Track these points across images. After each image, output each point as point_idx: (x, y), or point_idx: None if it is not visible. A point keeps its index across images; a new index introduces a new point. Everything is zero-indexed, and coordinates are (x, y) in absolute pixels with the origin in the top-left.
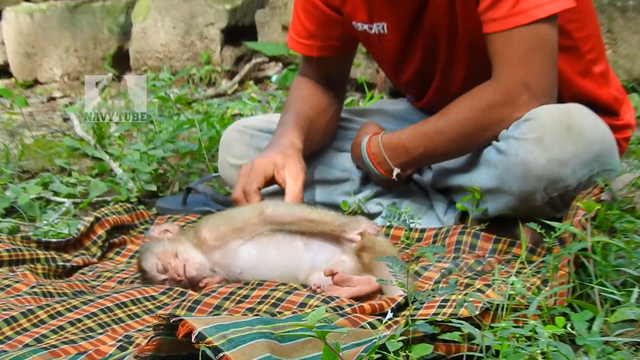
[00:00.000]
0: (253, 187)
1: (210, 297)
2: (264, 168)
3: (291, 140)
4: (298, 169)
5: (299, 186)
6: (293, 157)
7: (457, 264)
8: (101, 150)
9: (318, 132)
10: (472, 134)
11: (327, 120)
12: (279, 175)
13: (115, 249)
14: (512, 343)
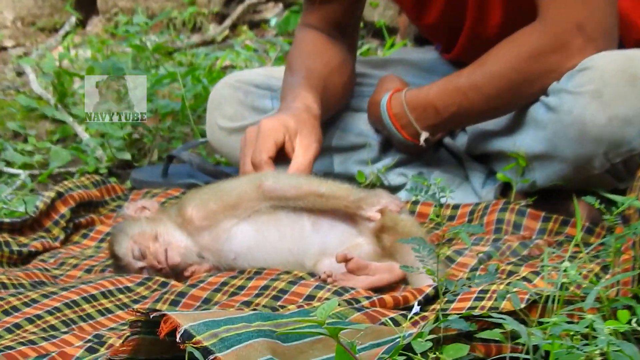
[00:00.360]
0: (263, 157)
1: (197, 289)
2: (273, 132)
3: (306, 104)
4: (311, 139)
5: (308, 159)
6: (308, 124)
7: (497, 247)
8: (63, 110)
9: (334, 94)
10: (516, 88)
11: (343, 79)
12: (289, 142)
13: (81, 231)
14: (565, 342)
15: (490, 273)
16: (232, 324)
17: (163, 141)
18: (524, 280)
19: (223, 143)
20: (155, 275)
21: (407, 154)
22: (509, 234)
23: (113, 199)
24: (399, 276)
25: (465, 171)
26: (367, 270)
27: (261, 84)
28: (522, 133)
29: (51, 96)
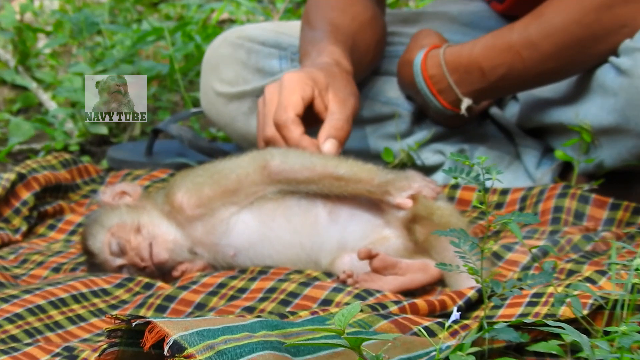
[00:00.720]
0: (289, 115)
1: (189, 292)
2: (300, 85)
3: (335, 58)
4: (347, 92)
5: (346, 114)
6: (340, 77)
7: (555, 241)
8: (25, 74)
9: (364, 54)
10: (579, 46)
11: (375, 37)
12: (319, 99)
13: (48, 221)
14: (636, 356)
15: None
16: (231, 334)
17: (147, 112)
18: (587, 281)
19: (221, 112)
20: (138, 275)
21: (445, 126)
22: (569, 224)
23: (86, 182)
24: (435, 276)
25: (516, 148)
26: (395, 269)
27: (268, 41)
28: (586, 102)
29: (10, 57)
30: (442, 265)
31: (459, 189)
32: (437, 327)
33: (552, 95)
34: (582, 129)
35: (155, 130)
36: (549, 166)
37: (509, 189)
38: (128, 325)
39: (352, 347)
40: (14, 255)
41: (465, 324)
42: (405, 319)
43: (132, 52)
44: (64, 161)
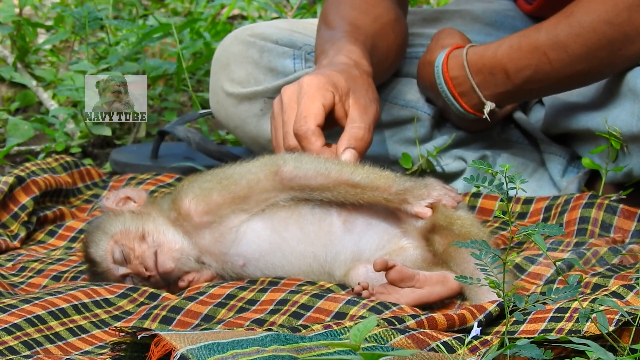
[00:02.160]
0: (310, 125)
1: (196, 303)
2: (320, 92)
3: (354, 59)
4: (368, 98)
5: (368, 123)
6: (361, 81)
7: (581, 253)
8: (24, 71)
9: (385, 57)
10: (611, 47)
11: (397, 40)
12: (340, 105)
13: (47, 227)
14: None
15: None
16: (241, 348)
17: (153, 112)
18: (613, 296)
19: (230, 114)
20: (142, 284)
21: (467, 131)
22: (596, 236)
23: (88, 186)
24: (454, 289)
25: (540, 155)
26: (413, 281)
27: (281, 40)
28: (616, 107)
29: (8, 53)
30: (462, 278)
31: (480, 198)
32: (457, 343)
33: (579, 100)
34: (610, 135)
35: (162, 132)
36: (575, 174)
37: (533, 198)
38: (133, 338)
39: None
40: (11, 262)
41: (486, 340)
42: (423, 333)
43: (137, 50)
44: (65, 164)
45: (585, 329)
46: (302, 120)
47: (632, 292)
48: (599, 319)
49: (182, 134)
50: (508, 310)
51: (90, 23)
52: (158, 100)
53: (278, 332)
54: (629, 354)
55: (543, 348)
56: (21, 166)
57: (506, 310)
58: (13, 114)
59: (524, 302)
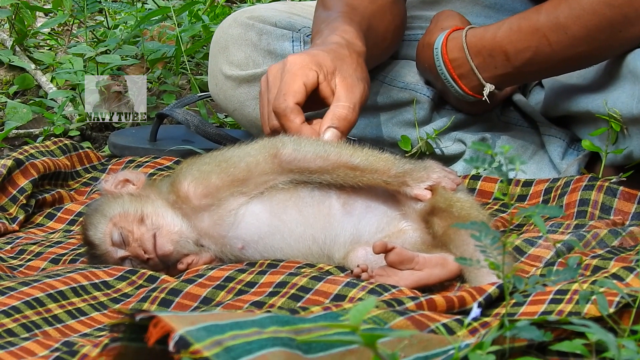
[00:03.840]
0: (288, 103)
1: (195, 285)
2: (303, 70)
3: (347, 39)
4: (356, 77)
5: (353, 101)
6: (349, 60)
7: (581, 235)
8: (23, 55)
9: (382, 38)
10: (610, 29)
11: (395, 22)
12: (325, 83)
13: (46, 210)
14: None
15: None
16: (240, 329)
17: (151, 95)
18: (613, 278)
19: (229, 97)
20: (141, 267)
21: (466, 113)
22: (596, 218)
23: (87, 169)
24: (453, 272)
25: (540, 137)
26: (412, 263)
27: (280, 22)
28: (616, 89)
29: (7, 36)
30: (462, 259)
31: (479, 180)
32: (456, 325)
33: (579, 82)
34: (610, 117)
35: (160, 115)
36: (575, 157)
37: (532, 181)
38: (131, 320)
39: (367, 344)
40: (10, 245)
41: (485, 322)
42: (423, 315)
43: (136, 33)
44: (63, 147)
45: (586, 310)
46: (281, 98)
47: (632, 274)
48: (599, 301)
49: (180, 117)
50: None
51: (88, 6)
52: (157, 83)
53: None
54: (629, 336)
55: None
56: (20, 149)
57: (506, 291)
58: (12, 97)
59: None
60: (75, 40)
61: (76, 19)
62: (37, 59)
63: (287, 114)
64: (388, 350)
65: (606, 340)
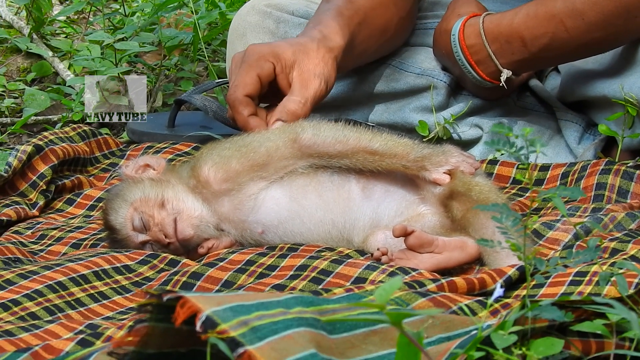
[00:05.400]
0: (238, 95)
1: (216, 269)
2: (258, 62)
3: (324, 33)
4: (312, 73)
5: (305, 97)
6: (312, 55)
7: (598, 218)
8: (40, 42)
9: (380, 31)
10: (627, 14)
11: (399, 14)
12: (283, 75)
13: (66, 196)
14: None
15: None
16: (266, 310)
17: (169, 82)
18: (632, 260)
19: None
20: (162, 251)
21: (483, 98)
22: (613, 202)
23: (105, 155)
24: (472, 255)
25: (557, 122)
26: (432, 246)
27: (297, 11)
28: (632, 74)
29: (24, 24)
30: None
31: (497, 165)
32: (477, 306)
33: (595, 67)
34: (627, 102)
35: (178, 101)
36: (591, 141)
37: (549, 165)
38: (159, 300)
39: (394, 322)
40: (31, 230)
41: (506, 303)
42: (444, 297)
43: (153, 20)
44: (82, 133)
45: (605, 292)
46: (232, 88)
47: None
48: (619, 282)
49: (198, 103)
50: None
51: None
52: (174, 70)
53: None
54: None
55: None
56: (39, 135)
57: (527, 272)
58: (29, 84)
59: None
60: (92, 28)
61: (93, 7)
62: (54, 46)
63: (236, 106)
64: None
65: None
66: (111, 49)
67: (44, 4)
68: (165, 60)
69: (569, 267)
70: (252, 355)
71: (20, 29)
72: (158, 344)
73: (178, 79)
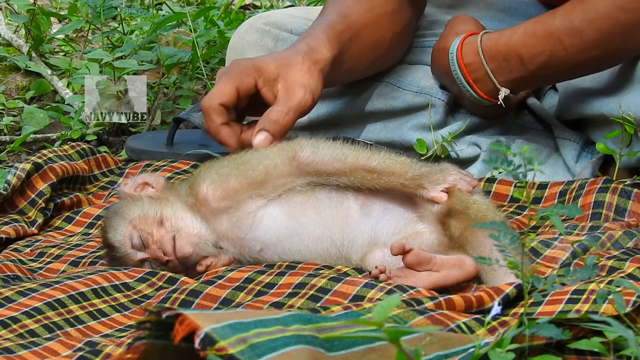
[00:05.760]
0: (212, 103)
1: (214, 287)
2: (238, 75)
3: (311, 45)
4: (297, 82)
5: (288, 107)
6: (297, 68)
7: (596, 237)
8: (39, 60)
9: (372, 46)
10: (624, 33)
11: (393, 30)
12: (267, 88)
13: (64, 214)
14: None
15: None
16: (264, 327)
17: (168, 100)
18: (629, 278)
19: None
20: (161, 269)
21: (481, 117)
22: (610, 220)
23: (104, 173)
24: (470, 273)
25: (554, 141)
26: (430, 264)
27: (296, 29)
28: (630, 92)
29: (23, 42)
30: (481, 259)
31: (495, 183)
32: (475, 324)
33: (593, 85)
34: (624, 120)
35: (177, 119)
36: (589, 159)
37: (547, 183)
38: (158, 318)
39: (392, 340)
40: (29, 248)
41: (504, 321)
42: (442, 314)
43: (151, 38)
44: (81, 151)
45: (602, 310)
46: (208, 96)
47: None
48: (616, 300)
49: (197, 121)
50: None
51: (104, 12)
52: (173, 88)
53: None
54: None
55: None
56: (38, 153)
57: (525, 290)
58: (28, 102)
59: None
60: (91, 47)
61: (92, 25)
62: (53, 64)
63: (210, 113)
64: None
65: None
66: (110, 67)
67: (43, 22)
68: (163, 79)
69: (566, 285)
70: None
71: (19, 47)
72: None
73: (177, 97)
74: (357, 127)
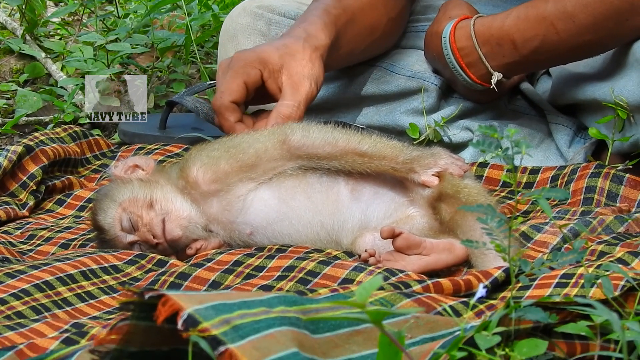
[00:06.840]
0: (224, 102)
1: (203, 269)
2: (244, 69)
3: (309, 32)
4: (302, 75)
5: (297, 100)
6: (300, 56)
7: (587, 221)
8: (33, 43)
9: (368, 31)
10: (617, 17)
11: (388, 15)
12: (272, 80)
13: (56, 196)
14: None
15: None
16: (248, 309)
17: (161, 84)
18: (618, 262)
19: None
20: (150, 251)
21: (474, 101)
22: (602, 205)
23: (96, 156)
24: (460, 257)
25: (547, 126)
26: (419, 248)
27: (289, 12)
28: (622, 77)
29: (18, 25)
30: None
31: (487, 167)
32: (462, 307)
33: (586, 70)
34: (617, 105)
35: (170, 102)
36: (581, 144)
37: (539, 168)
38: (141, 299)
39: (374, 321)
40: (20, 230)
41: (491, 304)
42: (429, 297)
43: (146, 22)
44: (73, 134)
45: (591, 294)
46: (219, 95)
47: (637, 259)
48: (604, 284)
49: (190, 105)
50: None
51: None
52: (166, 71)
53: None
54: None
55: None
56: (30, 136)
57: (512, 274)
58: (22, 85)
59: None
60: (85, 30)
61: (86, 9)
62: (47, 47)
63: (222, 112)
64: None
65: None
66: (104, 50)
67: (38, 5)
68: (157, 62)
69: (554, 269)
70: (233, 354)
71: (14, 30)
72: (140, 342)
73: (170, 81)
74: (350, 111)
